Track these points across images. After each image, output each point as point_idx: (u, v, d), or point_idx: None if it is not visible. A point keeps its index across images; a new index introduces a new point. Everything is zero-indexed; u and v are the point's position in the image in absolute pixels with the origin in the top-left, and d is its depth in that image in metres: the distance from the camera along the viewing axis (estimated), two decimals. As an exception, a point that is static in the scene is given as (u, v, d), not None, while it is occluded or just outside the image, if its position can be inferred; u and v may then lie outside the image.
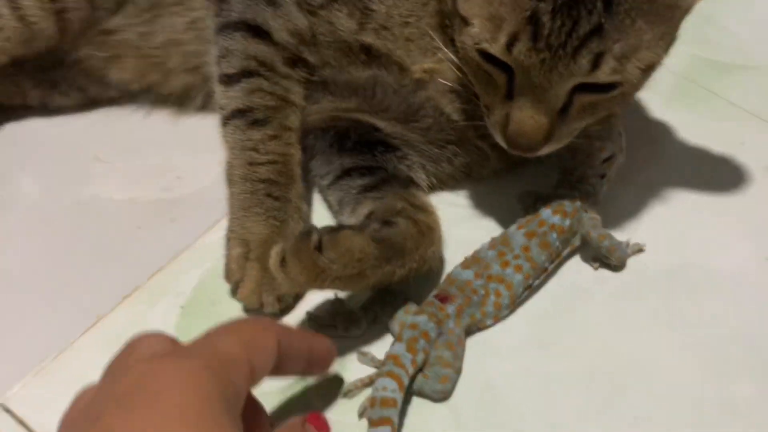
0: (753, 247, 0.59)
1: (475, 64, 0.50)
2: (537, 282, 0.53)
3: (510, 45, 0.46)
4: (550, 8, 0.45)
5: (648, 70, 0.49)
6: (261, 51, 0.58)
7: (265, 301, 0.52)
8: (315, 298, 0.54)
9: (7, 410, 0.50)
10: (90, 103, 0.72)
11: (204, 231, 0.60)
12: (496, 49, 0.47)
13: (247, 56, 0.58)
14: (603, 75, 0.46)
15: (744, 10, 0.83)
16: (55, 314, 0.55)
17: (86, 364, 0.45)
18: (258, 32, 0.58)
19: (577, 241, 0.55)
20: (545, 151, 0.51)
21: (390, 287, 0.52)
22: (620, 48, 0.46)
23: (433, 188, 0.61)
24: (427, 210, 0.56)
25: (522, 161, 0.58)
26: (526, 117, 0.48)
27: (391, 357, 0.47)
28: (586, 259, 0.57)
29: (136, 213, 0.63)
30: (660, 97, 0.71)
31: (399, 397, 0.46)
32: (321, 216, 0.61)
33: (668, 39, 0.50)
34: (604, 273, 0.57)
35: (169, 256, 0.58)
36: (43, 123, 0.72)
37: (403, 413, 0.48)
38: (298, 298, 0.55)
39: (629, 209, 0.61)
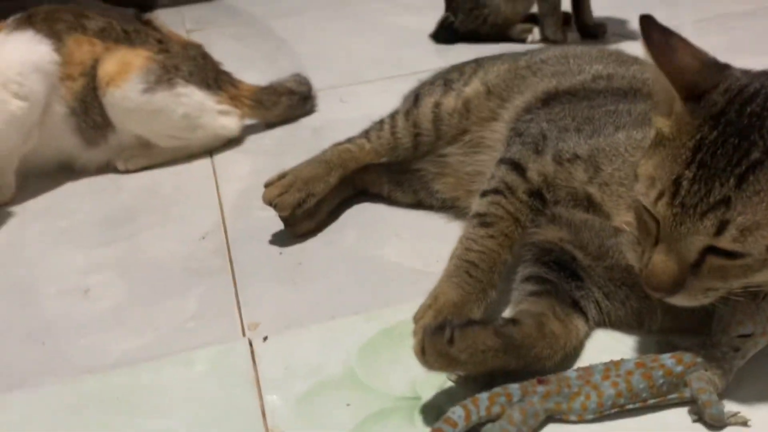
0: None
1: (639, 213, 0.61)
2: (630, 406, 0.58)
3: (657, 200, 0.57)
4: (691, 175, 0.55)
5: None
6: (512, 179, 0.77)
7: None
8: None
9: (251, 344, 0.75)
10: (417, 204, 1.00)
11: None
12: (647, 201, 0.58)
13: (502, 181, 0.77)
14: (725, 241, 0.54)
15: None
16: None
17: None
18: (517, 167, 0.77)
19: (687, 393, 0.58)
20: (678, 300, 0.58)
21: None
22: (744, 220, 0.53)
23: (604, 324, 0.71)
24: (565, 323, 0.67)
25: (691, 325, 0.64)
26: (660, 260, 0.57)
27: (472, 398, 0.59)
28: (691, 409, 0.59)
29: (406, 273, 0.86)
30: None
31: (462, 423, 0.57)
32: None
33: None
34: (700, 428, 0.58)
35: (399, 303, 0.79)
36: (383, 207, 1.02)
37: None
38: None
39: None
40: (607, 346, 0.68)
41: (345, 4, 2.49)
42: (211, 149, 1.29)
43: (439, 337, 0.61)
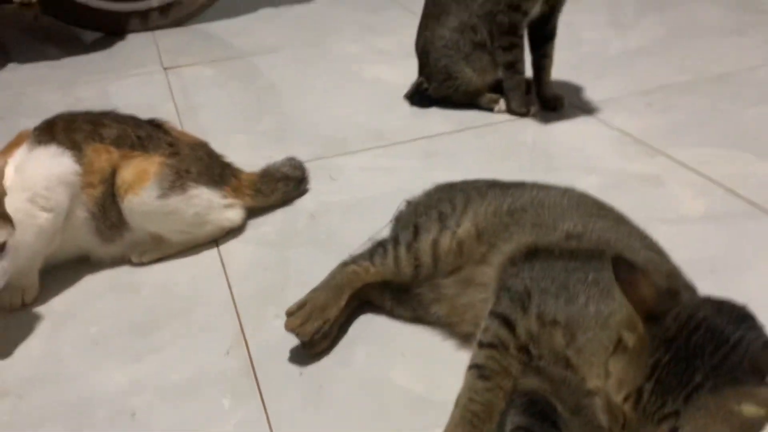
0: None
1: (610, 400, 0.78)
2: None
3: (624, 400, 0.74)
4: (650, 388, 0.72)
5: None
6: (504, 335, 0.93)
7: None
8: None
9: None
10: (416, 319, 1.16)
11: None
12: (617, 398, 0.75)
13: (495, 336, 0.94)
14: None
15: None
16: None
17: None
18: (507, 323, 0.93)
19: None
20: None
21: None
22: (690, 429, 0.70)
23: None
24: None
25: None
26: None
27: None
28: None
29: (414, 401, 1.02)
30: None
31: None
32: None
33: None
34: None
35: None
36: (385, 320, 1.17)
37: None
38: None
39: None
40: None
41: (320, 43, 2.59)
42: (216, 239, 1.42)
43: None
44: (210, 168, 1.40)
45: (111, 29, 2.80)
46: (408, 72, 2.11)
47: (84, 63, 2.53)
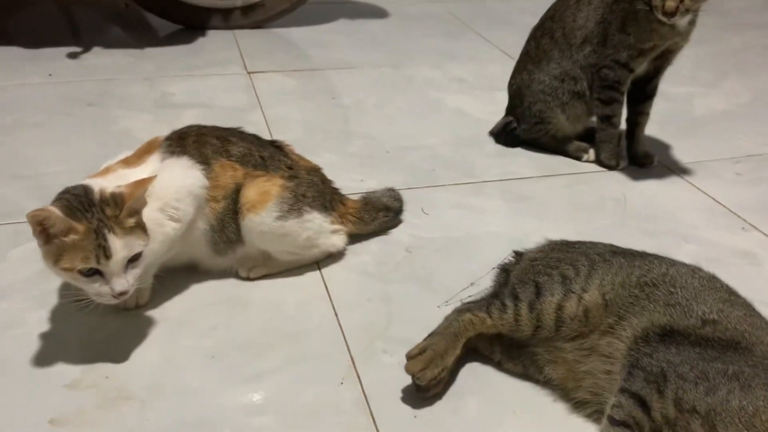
0: None
1: None
2: None
3: None
4: None
5: None
6: (640, 417, 0.95)
7: None
8: None
9: None
10: (525, 377, 1.19)
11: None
12: None
13: (630, 415, 0.96)
14: None
15: None
16: None
17: None
18: (642, 404, 0.96)
19: None
20: None
21: None
22: None
23: None
24: None
25: None
26: None
27: None
28: None
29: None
30: None
31: None
32: None
33: None
34: None
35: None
36: (494, 372, 1.20)
37: None
38: None
39: None
40: None
41: (398, 64, 2.62)
42: (318, 261, 1.45)
43: None
44: (323, 193, 1.43)
45: (193, 23, 2.84)
46: (491, 108, 2.15)
47: (167, 56, 2.56)
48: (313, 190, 1.41)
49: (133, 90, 2.27)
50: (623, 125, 1.93)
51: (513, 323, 1.16)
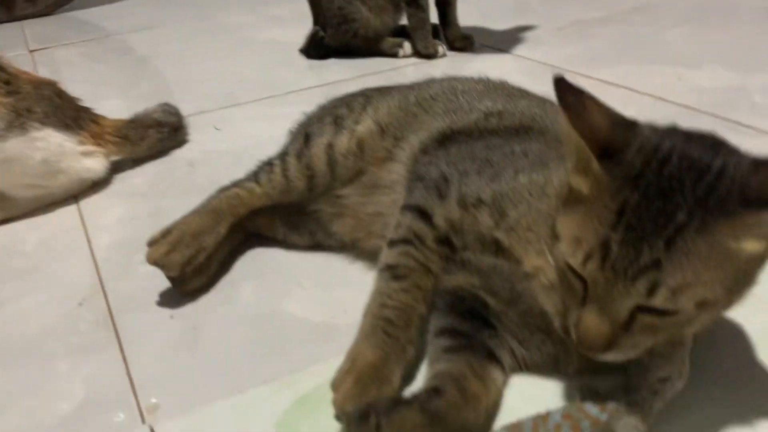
0: None
1: (562, 272, 0.60)
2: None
3: (585, 261, 0.56)
4: (619, 238, 0.54)
5: (704, 305, 0.54)
6: (419, 228, 0.74)
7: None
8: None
9: None
10: (315, 246, 0.95)
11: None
12: (574, 262, 0.57)
13: (410, 230, 0.74)
14: (657, 301, 0.53)
15: None
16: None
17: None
18: (423, 214, 0.75)
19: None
20: (611, 357, 0.57)
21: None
22: (674, 281, 0.52)
23: (519, 370, 0.70)
24: (484, 380, 0.65)
25: (604, 367, 0.64)
26: (592, 321, 0.56)
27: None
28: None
29: (314, 329, 0.81)
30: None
31: None
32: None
33: (731, 283, 0.54)
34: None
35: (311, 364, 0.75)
36: (279, 252, 0.96)
37: None
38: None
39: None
40: (531, 395, 0.67)
41: (206, 17, 2.39)
42: (76, 194, 1.18)
43: (364, 425, 0.58)
44: (60, 109, 1.16)
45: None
46: (305, 32, 1.93)
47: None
48: (44, 104, 1.14)
49: None
50: (434, 12, 1.75)
51: (283, 181, 0.93)
